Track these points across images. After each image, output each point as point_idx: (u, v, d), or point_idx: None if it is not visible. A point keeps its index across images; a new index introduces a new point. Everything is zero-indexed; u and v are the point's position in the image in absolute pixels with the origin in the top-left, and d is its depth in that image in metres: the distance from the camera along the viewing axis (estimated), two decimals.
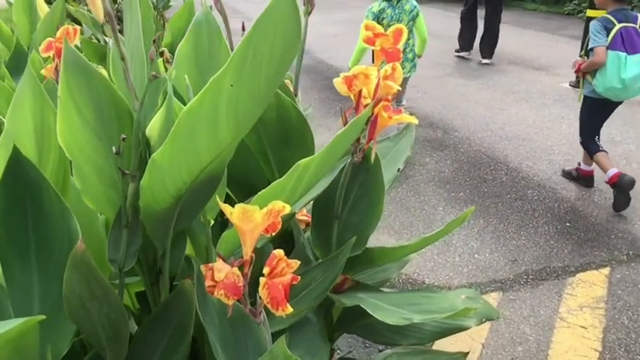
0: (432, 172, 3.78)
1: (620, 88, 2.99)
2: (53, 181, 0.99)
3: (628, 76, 2.95)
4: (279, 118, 1.24)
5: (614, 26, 3.00)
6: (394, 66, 1.01)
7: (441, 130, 4.47)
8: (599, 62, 2.99)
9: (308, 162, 0.91)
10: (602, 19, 3.06)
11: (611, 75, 2.98)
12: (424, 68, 6.22)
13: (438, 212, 3.29)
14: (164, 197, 0.83)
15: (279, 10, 0.68)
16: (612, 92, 3.04)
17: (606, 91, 3.05)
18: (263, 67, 0.72)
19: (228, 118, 0.75)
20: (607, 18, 3.04)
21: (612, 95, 3.07)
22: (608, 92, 3.05)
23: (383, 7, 3.62)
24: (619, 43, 2.97)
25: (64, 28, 1.39)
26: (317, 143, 1.47)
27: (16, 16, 2.08)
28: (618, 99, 3.12)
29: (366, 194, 1.19)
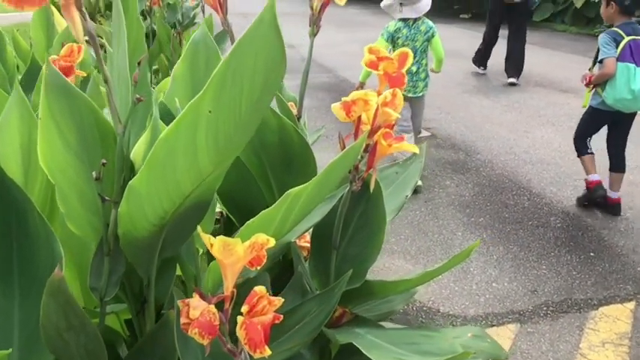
0: (452, 195, 3.69)
1: (630, 98, 3.03)
2: (40, 203, 0.96)
3: (638, 87, 2.99)
4: (281, 142, 1.20)
5: (622, 39, 3.05)
6: (394, 92, 0.96)
7: (463, 153, 4.38)
8: (609, 73, 3.04)
9: (299, 191, 0.87)
10: (610, 32, 3.10)
11: (620, 86, 3.02)
12: (448, 89, 6.15)
13: (457, 237, 3.20)
14: (144, 225, 0.80)
15: (259, 33, 0.64)
16: (622, 103, 3.07)
17: (616, 102, 3.08)
18: (244, 93, 0.68)
19: (208, 145, 0.71)
20: (615, 31, 3.09)
21: (622, 106, 3.10)
22: (618, 103, 3.08)
23: (399, 27, 3.60)
24: (628, 55, 3.03)
25: (68, 45, 1.38)
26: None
27: (34, 31, 2.10)
28: (629, 110, 3.13)
29: (366, 225, 1.14)
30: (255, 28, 0.64)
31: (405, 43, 3.58)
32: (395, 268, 2.93)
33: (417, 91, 3.71)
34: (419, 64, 3.64)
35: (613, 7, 3.13)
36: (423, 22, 3.63)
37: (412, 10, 3.53)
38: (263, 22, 0.64)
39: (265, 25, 0.64)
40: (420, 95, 3.75)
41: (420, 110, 3.87)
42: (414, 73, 3.65)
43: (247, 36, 0.64)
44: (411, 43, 3.59)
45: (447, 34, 9.61)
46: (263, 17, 0.64)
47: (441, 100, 5.71)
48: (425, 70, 3.71)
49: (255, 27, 0.64)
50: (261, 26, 0.64)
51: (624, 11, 3.12)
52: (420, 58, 3.65)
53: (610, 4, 3.14)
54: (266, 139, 1.21)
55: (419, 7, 3.52)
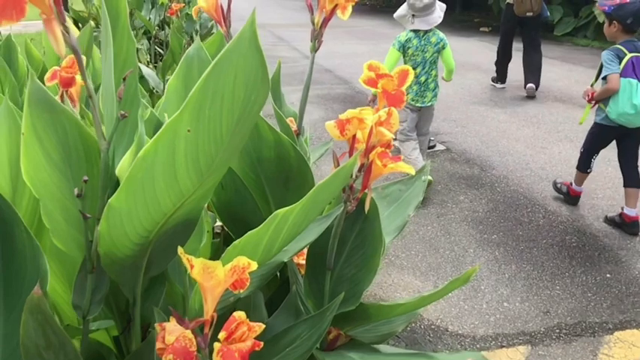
0: (466, 211, 3.63)
1: (633, 113, 3.10)
2: (28, 218, 0.95)
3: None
4: (278, 158, 1.18)
5: (625, 56, 3.15)
6: (390, 111, 0.93)
7: (478, 168, 4.32)
8: (613, 89, 3.13)
9: (287, 212, 0.84)
10: (613, 48, 3.21)
11: (623, 101, 3.11)
12: (465, 102, 6.09)
13: (469, 254, 3.14)
14: (126, 244, 0.78)
15: (239, 51, 0.62)
16: (625, 118, 3.14)
17: (619, 117, 3.15)
18: (224, 112, 0.65)
19: (188, 165, 0.69)
20: (618, 48, 3.19)
21: (625, 121, 3.16)
22: (620, 118, 3.15)
23: (410, 37, 3.65)
24: (630, 71, 3.12)
25: (70, 57, 1.38)
26: None
27: (46, 40, 2.11)
28: (632, 125, 3.18)
29: (362, 245, 1.11)
30: (234, 45, 0.62)
31: (415, 54, 3.64)
32: (404, 284, 2.88)
33: (426, 101, 3.75)
34: (428, 75, 3.69)
35: (616, 25, 3.24)
36: (434, 34, 3.66)
37: (423, 21, 3.57)
38: (243, 39, 0.62)
39: (245, 43, 0.62)
40: (429, 105, 3.77)
41: (429, 119, 3.89)
42: (422, 83, 3.70)
43: (226, 53, 0.62)
44: (421, 54, 3.65)
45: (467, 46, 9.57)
46: (243, 34, 0.62)
47: (457, 114, 5.65)
48: (434, 81, 3.73)
49: (235, 44, 0.62)
50: (241, 43, 0.62)
51: (627, 29, 3.22)
52: (430, 68, 3.69)
53: (613, 23, 3.25)
54: (263, 154, 1.19)
55: (430, 19, 3.56)
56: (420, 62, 3.67)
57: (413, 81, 3.60)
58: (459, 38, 10.38)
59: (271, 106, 1.39)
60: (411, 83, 3.66)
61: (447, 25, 11.85)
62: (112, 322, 1.01)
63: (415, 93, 3.72)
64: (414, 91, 3.71)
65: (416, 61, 3.67)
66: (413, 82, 3.68)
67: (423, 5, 3.53)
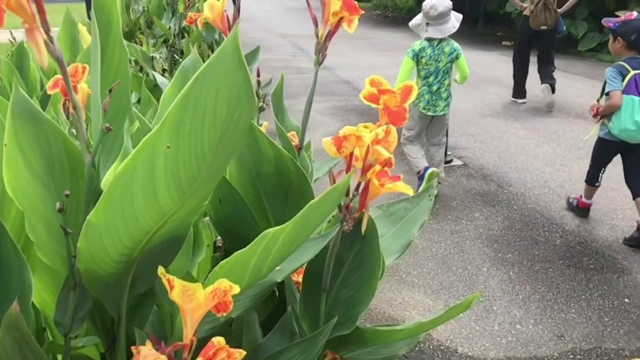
0: (480, 228, 3.56)
1: (634, 129, 3.16)
2: (16, 230, 0.93)
3: None
4: (278, 173, 1.15)
5: (628, 72, 3.22)
6: (388, 129, 0.90)
7: (495, 184, 4.24)
8: (615, 105, 3.19)
9: (277, 231, 0.81)
10: (617, 65, 3.28)
11: (625, 118, 3.17)
12: (484, 116, 6.01)
13: (482, 274, 3.06)
14: (106, 261, 0.75)
15: (221, 65, 0.59)
16: (626, 134, 3.20)
17: (621, 133, 3.21)
18: (205, 129, 0.63)
19: (169, 183, 0.66)
20: (622, 65, 3.26)
21: (627, 137, 3.22)
22: (622, 134, 3.21)
23: (424, 46, 3.68)
24: (633, 88, 3.18)
25: (73, 65, 1.37)
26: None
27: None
28: (634, 140, 3.24)
29: (360, 266, 1.07)
30: (216, 59, 0.59)
31: (429, 63, 3.67)
32: (414, 302, 2.82)
33: (437, 110, 3.76)
34: (440, 84, 3.71)
35: (620, 42, 3.30)
36: (448, 44, 3.68)
37: (437, 30, 3.60)
38: (225, 53, 0.59)
39: (228, 57, 0.59)
40: (441, 114, 3.78)
41: (441, 129, 3.88)
42: (434, 92, 3.72)
43: (208, 68, 0.59)
44: (434, 64, 3.67)
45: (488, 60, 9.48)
46: (225, 48, 0.59)
47: (476, 128, 5.58)
48: (447, 91, 3.75)
49: (217, 58, 0.59)
50: (223, 58, 0.59)
51: (631, 46, 3.27)
52: (443, 78, 3.71)
53: (617, 40, 3.32)
54: (262, 169, 1.16)
55: (444, 28, 3.59)
56: (433, 71, 3.69)
57: (425, 90, 3.72)
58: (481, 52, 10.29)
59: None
60: (423, 92, 3.71)
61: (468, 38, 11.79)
62: (97, 340, 0.98)
63: (427, 102, 3.74)
64: (426, 99, 3.73)
65: (429, 70, 3.69)
66: (425, 91, 3.72)
67: (437, 14, 3.55)
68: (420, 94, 3.72)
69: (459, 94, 6.58)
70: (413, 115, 3.75)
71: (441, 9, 3.54)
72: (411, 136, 3.84)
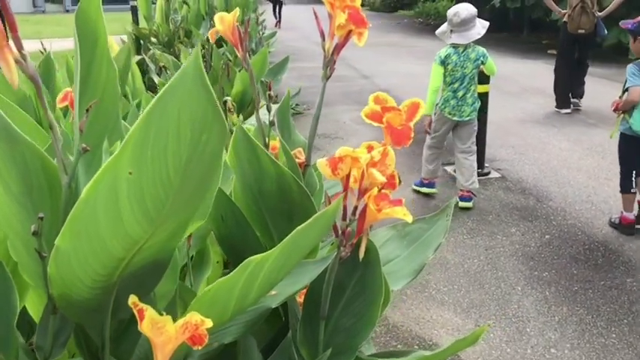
0: (516, 244, 3.42)
1: None
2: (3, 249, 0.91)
3: None
4: (280, 191, 1.10)
5: None
6: (385, 151, 0.84)
7: (534, 198, 4.08)
8: (633, 100, 3.31)
9: (262, 259, 0.76)
10: (638, 63, 3.39)
11: None
12: (526, 127, 5.83)
13: (516, 292, 2.93)
14: (80, 287, 0.72)
15: (183, 88, 0.55)
16: None
17: None
18: (169, 154, 0.58)
19: (134, 210, 0.62)
20: None
21: None
22: None
23: (449, 53, 3.71)
24: None
25: None
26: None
27: None
28: None
29: (361, 293, 1.01)
30: (177, 81, 0.55)
31: (455, 69, 3.70)
32: (442, 321, 2.72)
33: (463, 115, 3.79)
34: (466, 90, 3.75)
35: None
36: (474, 50, 3.73)
37: (461, 36, 3.64)
38: (186, 74, 0.55)
39: (189, 79, 0.55)
40: (467, 119, 3.80)
41: (469, 135, 3.86)
42: (460, 97, 3.76)
43: (168, 90, 0.55)
44: (460, 70, 3.71)
45: (532, 69, 9.22)
46: (186, 69, 0.55)
47: (516, 139, 5.41)
48: (473, 96, 3.79)
49: (178, 80, 0.55)
50: (184, 79, 0.55)
51: None
52: (469, 84, 3.75)
53: (637, 39, 3.44)
54: (264, 187, 1.12)
55: (468, 34, 3.63)
56: (459, 78, 3.72)
57: (450, 95, 3.76)
58: (525, 61, 10.04)
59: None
60: (449, 97, 3.76)
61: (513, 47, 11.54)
62: None
63: (452, 107, 3.78)
64: (451, 105, 3.77)
65: (455, 77, 3.72)
66: (450, 97, 3.77)
67: (460, 20, 3.60)
68: (445, 100, 3.77)
69: (498, 104, 6.41)
70: (438, 118, 3.84)
71: (463, 15, 3.59)
72: (435, 142, 3.90)
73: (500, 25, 13.53)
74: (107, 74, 0.82)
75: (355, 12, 1.08)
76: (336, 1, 1.07)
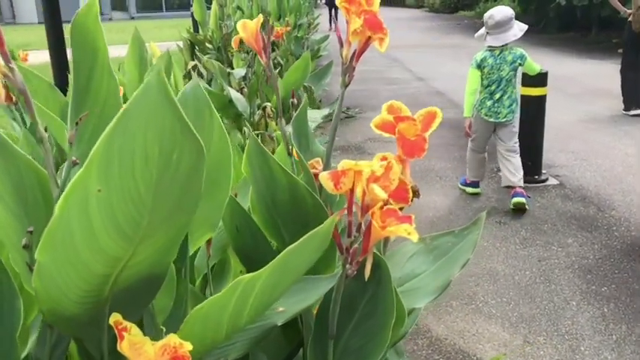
0: (573, 256, 3.23)
1: None
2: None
3: None
4: (293, 201, 1.07)
5: None
6: (389, 165, 0.78)
7: (595, 207, 3.86)
8: None
9: (253, 278, 0.73)
10: None
11: None
12: (589, 131, 5.54)
13: (570, 308, 2.77)
14: (67, 302, 0.71)
15: (146, 103, 0.52)
16: None
17: None
18: (137, 172, 0.56)
19: (107, 227, 0.60)
20: None
21: None
22: None
23: (485, 56, 3.76)
24: None
25: None
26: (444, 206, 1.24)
27: (127, 65, 2.19)
28: None
29: (373, 313, 0.95)
30: (140, 96, 0.52)
31: (491, 72, 3.73)
32: (489, 335, 2.60)
33: (500, 117, 3.79)
34: (503, 92, 3.75)
35: None
36: (510, 52, 3.73)
37: (496, 39, 3.68)
38: (150, 89, 0.52)
39: (153, 94, 0.52)
40: (504, 121, 3.80)
41: (510, 136, 3.84)
42: (496, 99, 3.76)
43: (132, 106, 0.52)
44: (497, 72, 3.73)
45: (599, 70, 8.78)
46: (150, 84, 0.52)
47: (578, 144, 5.14)
48: (510, 98, 3.77)
49: (141, 96, 0.52)
50: (147, 95, 0.52)
51: None
52: (506, 86, 3.75)
53: None
54: (277, 197, 1.08)
55: (503, 36, 3.66)
56: (496, 80, 3.74)
57: (487, 97, 3.78)
58: (592, 61, 9.58)
59: None
60: (485, 99, 3.79)
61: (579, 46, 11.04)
62: None
63: (488, 108, 3.79)
64: (487, 106, 3.79)
65: (491, 79, 3.74)
66: (487, 98, 3.79)
67: (494, 23, 3.64)
68: (482, 101, 3.82)
69: (560, 107, 6.14)
70: (476, 120, 3.88)
71: (498, 18, 3.63)
72: (475, 144, 3.92)
73: (567, 24, 12.98)
74: (108, 86, 0.81)
75: (372, 17, 1.03)
76: (352, 5, 1.02)
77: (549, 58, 9.60)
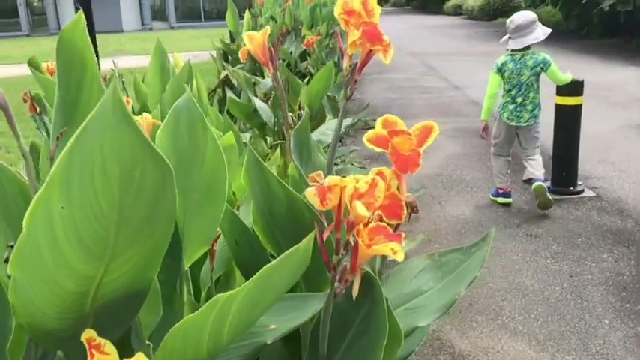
0: (608, 272, 3.11)
1: None
2: None
3: None
4: (291, 214, 1.05)
5: None
6: (374, 181, 0.76)
7: (633, 221, 3.70)
8: None
9: (229, 297, 0.71)
10: None
11: None
12: (631, 142, 5.34)
13: (602, 326, 2.65)
14: (44, 317, 0.70)
15: (102, 122, 0.51)
16: None
17: None
18: (99, 191, 0.55)
19: (72, 245, 0.60)
20: None
21: None
22: None
23: (506, 61, 3.79)
24: None
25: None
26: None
27: (150, 75, 2.22)
28: None
29: (366, 331, 0.92)
30: (97, 114, 0.51)
31: (511, 77, 3.76)
32: (514, 352, 2.51)
33: (522, 121, 3.81)
34: (524, 96, 3.77)
35: None
36: (532, 57, 3.74)
37: (516, 42, 3.70)
38: (105, 107, 0.51)
39: (109, 112, 0.51)
40: (525, 125, 3.81)
41: (531, 140, 3.85)
42: (519, 103, 3.79)
43: (88, 124, 0.52)
44: (517, 77, 3.75)
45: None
46: (105, 102, 0.51)
47: (617, 154, 4.96)
48: (532, 102, 3.78)
49: (97, 114, 0.51)
50: (103, 113, 0.51)
51: None
52: (526, 91, 3.77)
53: None
54: (275, 211, 1.07)
55: (523, 40, 3.67)
56: (516, 84, 3.77)
57: (509, 101, 3.81)
58: (636, 68, 9.25)
59: None
60: (507, 103, 3.83)
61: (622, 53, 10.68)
62: None
63: (510, 112, 3.83)
64: (509, 110, 3.83)
65: (512, 84, 3.82)
66: (509, 102, 3.82)
67: (515, 27, 3.68)
68: (504, 105, 3.86)
69: (600, 116, 5.95)
70: (498, 124, 3.94)
71: (518, 22, 3.66)
72: (498, 147, 3.94)
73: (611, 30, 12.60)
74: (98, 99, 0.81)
75: (372, 28, 1.00)
76: (352, 17, 1.00)
77: (591, 65, 9.33)
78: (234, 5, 5.47)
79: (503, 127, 3.89)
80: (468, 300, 2.89)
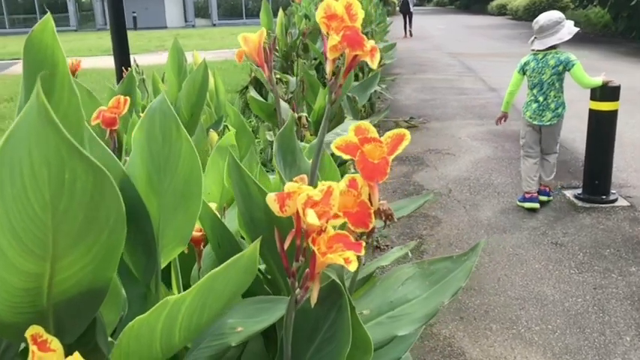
0: (634, 286, 2.99)
1: None
2: None
3: None
4: (270, 220, 1.04)
5: None
6: (329, 189, 0.74)
7: None
8: None
9: (177, 300, 0.72)
10: None
11: None
12: None
13: (622, 343, 2.56)
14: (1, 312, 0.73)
15: (28, 126, 0.52)
16: None
17: None
18: (30, 194, 0.56)
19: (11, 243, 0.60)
20: None
21: None
22: None
23: (528, 60, 3.85)
24: None
25: (115, 97, 1.42)
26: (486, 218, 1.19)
27: (167, 72, 2.25)
28: None
29: (333, 339, 0.92)
30: (22, 119, 0.52)
31: (533, 75, 3.82)
32: None
33: (544, 120, 3.84)
34: (546, 95, 3.81)
35: None
36: (554, 57, 3.76)
37: (540, 43, 3.74)
38: (31, 111, 0.52)
39: (34, 116, 0.52)
40: (548, 124, 3.84)
41: (552, 140, 3.90)
42: (541, 102, 3.82)
43: (15, 128, 0.53)
44: (538, 76, 3.79)
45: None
46: (31, 106, 0.52)
47: None
48: (555, 102, 3.81)
49: (23, 118, 0.52)
50: (29, 117, 0.52)
51: None
52: (548, 90, 3.80)
53: None
54: (254, 215, 1.07)
55: (546, 40, 3.70)
56: (537, 83, 3.81)
57: (532, 99, 3.85)
58: None
59: None
60: (531, 101, 3.87)
61: None
62: None
63: (533, 111, 3.87)
64: (532, 109, 3.87)
65: (533, 82, 3.83)
66: (532, 101, 3.86)
67: (539, 27, 3.72)
68: (527, 104, 3.91)
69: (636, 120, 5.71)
70: (523, 123, 4.00)
71: (541, 22, 3.70)
72: (526, 148, 3.95)
73: None
74: (69, 101, 0.83)
75: (353, 33, 0.99)
76: (333, 21, 0.99)
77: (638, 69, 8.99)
78: (268, 4, 5.50)
79: (527, 126, 3.92)
80: (483, 307, 2.83)
